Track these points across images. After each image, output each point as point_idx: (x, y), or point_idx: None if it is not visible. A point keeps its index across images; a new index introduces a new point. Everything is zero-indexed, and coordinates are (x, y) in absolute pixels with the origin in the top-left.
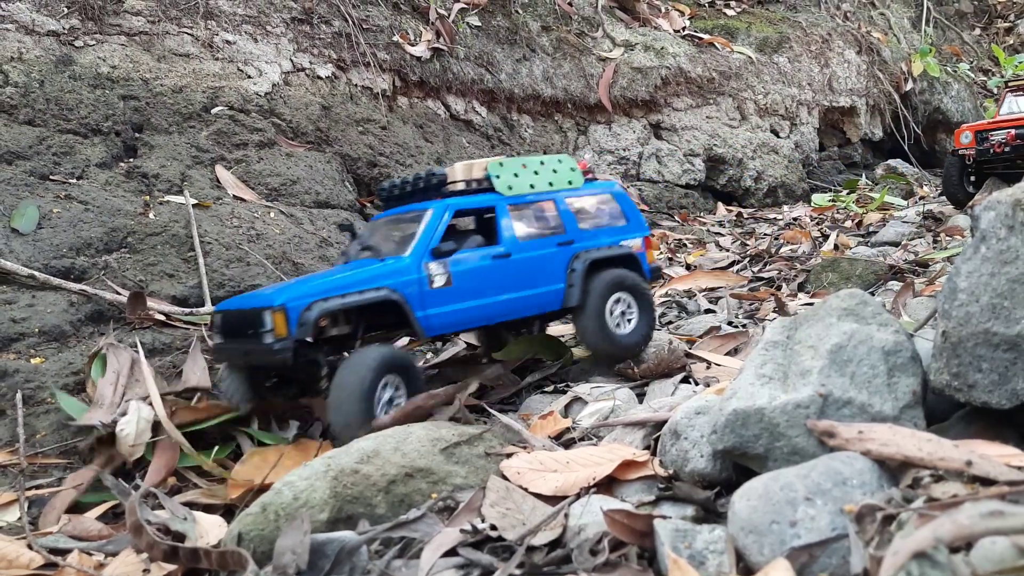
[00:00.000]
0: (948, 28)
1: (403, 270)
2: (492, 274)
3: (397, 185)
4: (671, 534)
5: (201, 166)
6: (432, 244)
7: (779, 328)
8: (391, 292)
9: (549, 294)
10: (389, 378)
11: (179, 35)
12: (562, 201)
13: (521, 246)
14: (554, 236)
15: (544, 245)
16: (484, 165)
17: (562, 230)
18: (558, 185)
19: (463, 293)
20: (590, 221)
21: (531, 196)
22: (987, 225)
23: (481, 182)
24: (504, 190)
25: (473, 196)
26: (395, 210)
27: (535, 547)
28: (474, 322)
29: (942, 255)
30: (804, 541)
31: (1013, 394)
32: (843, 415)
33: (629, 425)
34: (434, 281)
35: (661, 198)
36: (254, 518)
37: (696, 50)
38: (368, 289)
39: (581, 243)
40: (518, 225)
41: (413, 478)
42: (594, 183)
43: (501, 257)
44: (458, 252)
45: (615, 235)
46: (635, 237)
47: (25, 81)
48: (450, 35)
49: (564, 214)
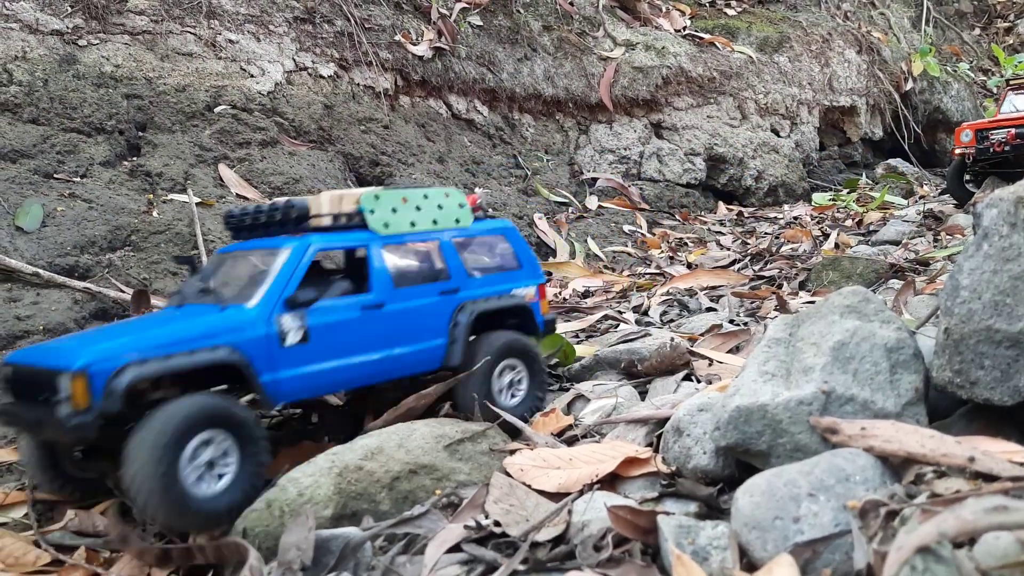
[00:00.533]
0: (948, 28)
1: (247, 324)
2: (360, 328)
3: (249, 213)
4: (675, 530)
5: (204, 165)
6: (287, 292)
7: (782, 325)
8: (231, 352)
9: (427, 351)
10: (207, 436)
11: (182, 34)
12: (447, 242)
13: (397, 295)
14: (436, 283)
15: (424, 293)
16: (356, 197)
17: (446, 276)
18: (443, 223)
19: (323, 352)
20: (479, 266)
21: (411, 235)
22: (989, 222)
23: (352, 217)
24: (379, 228)
25: (341, 234)
26: (246, 244)
27: (539, 543)
28: (335, 386)
29: (943, 254)
30: (807, 537)
31: (1015, 391)
32: (846, 412)
33: (632, 422)
34: (287, 337)
35: (662, 197)
36: (259, 514)
37: (697, 50)
38: (201, 349)
39: (467, 292)
40: (394, 269)
41: (417, 475)
42: (485, 221)
43: (372, 308)
44: (319, 301)
45: (506, 282)
46: (528, 285)
47: (29, 80)
48: (452, 34)
49: (449, 257)
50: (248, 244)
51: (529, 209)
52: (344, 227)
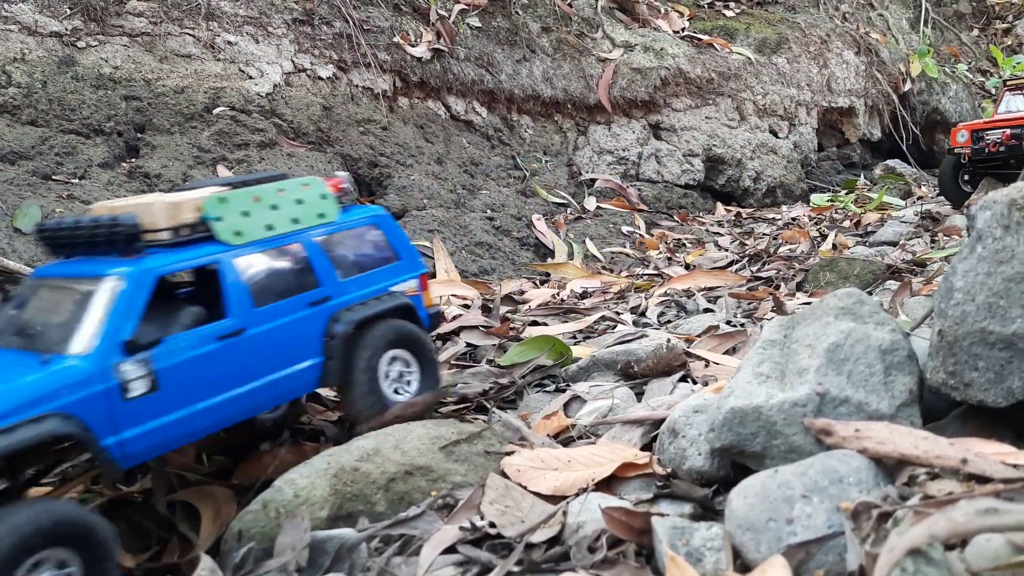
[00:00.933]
0: (946, 29)
1: (80, 380)
2: (219, 362)
3: (66, 227)
4: (669, 531)
5: (203, 166)
6: (125, 333)
7: (777, 327)
8: (62, 422)
9: (302, 374)
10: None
11: (181, 36)
12: (312, 243)
13: (259, 315)
14: (304, 294)
15: (291, 309)
16: (197, 204)
17: (314, 284)
18: (306, 221)
19: (177, 398)
20: (351, 265)
21: (269, 241)
22: (983, 224)
23: (196, 227)
24: (229, 237)
25: (185, 250)
26: (68, 266)
27: (533, 544)
28: (197, 434)
29: (940, 255)
30: (801, 538)
31: (1009, 392)
32: (840, 413)
33: (627, 423)
34: (131, 389)
35: (660, 198)
36: (254, 515)
37: (695, 51)
38: (21, 422)
39: (341, 298)
40: (253, 285)
41: (413, 476)
42: (353, 210)
43: (231, 336)
44: (166, 339)
45: (384, 279)
46: (409, 278)
47: (28, 82)
48: (450, 36)
49: (316, 261)
50: (71, 267)
51: (528, 210)
52: (187, 241)
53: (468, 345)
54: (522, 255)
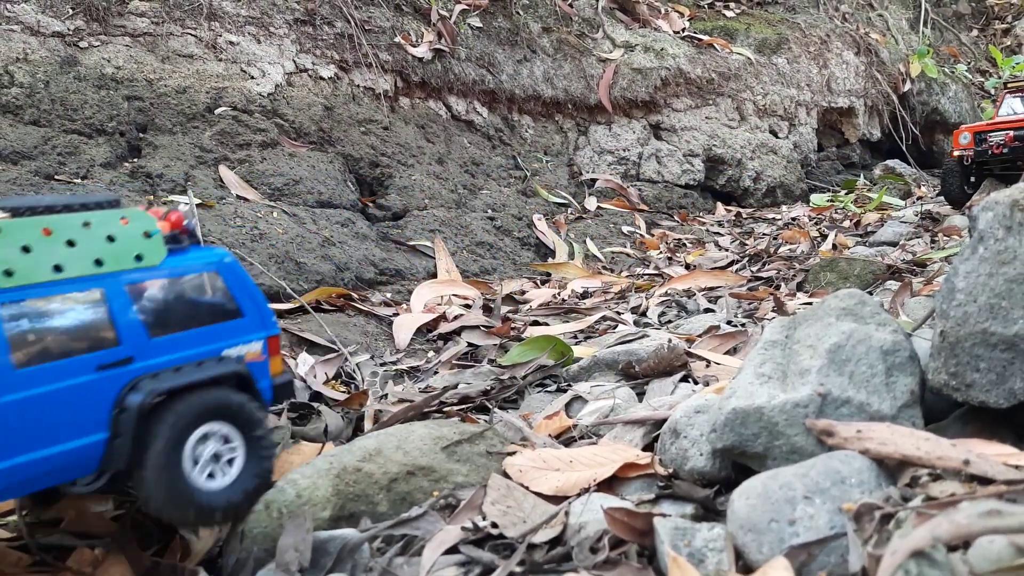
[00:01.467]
0: (946, 29)
1: None
2: None
3: None
4: (671, 532)
5: (205, 166)
6: None
7: (778, 327)
8: None
9: (74, 454)
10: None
11: (183, 36)
12: (119, 291)
13: (21, 379)
14: (94, 354)
15: (72, 371)
16: None
17: (113, 341)
18: (115, 263)
19: None
20: (171, 321)
21: (51, 287)
22: (985, 226)
23: None
24: None
25: None
26: None
27: (535, 545)
28: None
29: (940, 255)
30: (803, 539)
31: (1010, 393)
32: (841, 414)
33: (629, 423)
34: None
35: (660, 198)
36: (257, 515)
37: (695, 51)
38: None
39: (147, 361)
40: (24, 341)
41: (415, 476)
42: (191, 252)
43: None
44: None
45: (215, 339)
46: (252, 340)
47: (30, 82)
48: (451, 36)
49: (119, 314)
50: None
51: (528, 210)
52: None
53: (469, 345)
54: (523, 255)
